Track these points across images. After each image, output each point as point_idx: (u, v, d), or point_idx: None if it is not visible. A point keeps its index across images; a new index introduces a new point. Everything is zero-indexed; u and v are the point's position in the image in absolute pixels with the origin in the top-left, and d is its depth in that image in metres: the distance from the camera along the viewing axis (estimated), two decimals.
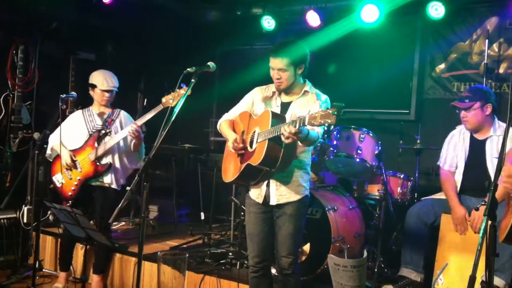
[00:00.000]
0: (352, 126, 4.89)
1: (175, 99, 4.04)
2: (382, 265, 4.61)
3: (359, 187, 5.15)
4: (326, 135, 5.05)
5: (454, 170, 4.34)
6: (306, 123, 2.83)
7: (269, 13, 6.45)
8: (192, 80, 3.27)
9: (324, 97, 3.43)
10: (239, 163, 3.42)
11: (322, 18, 6.06)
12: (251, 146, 3.33)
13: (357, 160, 4.76)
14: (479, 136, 4.23)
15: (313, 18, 6.08)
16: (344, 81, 6.36)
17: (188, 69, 3.28)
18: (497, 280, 3.74)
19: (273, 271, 3.90)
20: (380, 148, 4.85)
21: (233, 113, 3.64)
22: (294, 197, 3.38)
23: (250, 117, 3.47)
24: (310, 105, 3.34)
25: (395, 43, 6.02)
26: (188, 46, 6.92)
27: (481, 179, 4.10)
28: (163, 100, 4.19)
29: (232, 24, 6.95)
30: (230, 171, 3.51)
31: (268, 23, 6.45)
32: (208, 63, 3.46)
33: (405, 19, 5.92)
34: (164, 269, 3.21)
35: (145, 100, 6.63)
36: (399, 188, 4.93)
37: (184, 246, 5.28)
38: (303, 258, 4.39)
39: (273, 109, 3.42)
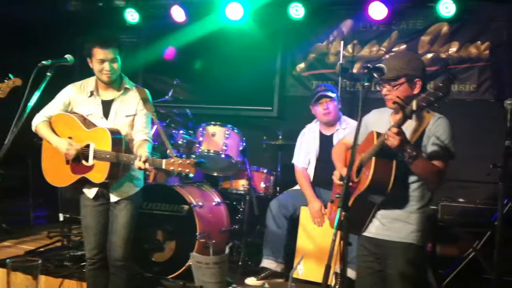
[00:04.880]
0: (218, 123, 4.95)
1: (5, 91, 3.78)
2: (246, 258, 4.73)
3: (225, 182, 5.23)
4: (192, 132, 5.07)
5: (307, 166, 4.62)
6: (163, 167, 3.02)
7: (133, 6, 6.29)
8: (48, 74, 3.12)
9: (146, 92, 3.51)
10: (71, 171, 3.38)
11: (187, 13, 6.05)
12: (86, 160, 3.32)
13: (223, 156, 4.82)
14: (327, 132, 4.57)
15: (178, 13, 6.05)
16: (210, 77, 6.42)
17: (43, 61, 3.12)
18: (349, 272, 4.00)
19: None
20: (244, 144, 4.97)
21: (47, 113, 3.47)
22: (130, 192, 3.45)
23: (77, 123, 3.38)
24: (135, 102, 3.43)
25: (260, 41, 6.17)
26: (46, 36, 6.49)
27: (332, 172, 4.39)
28: None
29: (94, 15, 6.67)
30: (61, 177, 3.44)
31: (131, 15, 6.30)
32: (66, 56, 3.31)
33: (269, 18, 6.09)
34: (15, 276, 2.98)
35: None
36: (262, 183, 5.10)
37: (41, 249, 4.98)
38: (169, 255, 4.36)
39: (94, 108, 3.42)
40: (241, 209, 5.05)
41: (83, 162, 3.32)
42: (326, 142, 4.56)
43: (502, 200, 3.60)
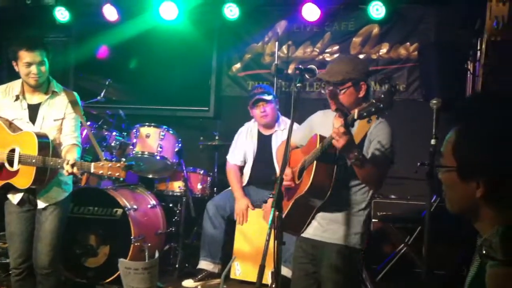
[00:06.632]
0: (152, 124, 4.87)
1: None
2: (183, 260, 4.68)
3: (160, 184, 5.15)
4: (125, 133, 4.96)
5: (240, 163, 4.65)
6: (92, 171, 3.00)
7: (63, 4, 6.06)
8: None
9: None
10: None
11: (120, 12, 5.89)
12: (10, 165, 3.19)
13: (158, 157, 4.75)
14: (265, 132, 4.59)
15: (110, 12, 5.88)
16: (145, 77, 6.30)
17: None
18: (285, 270, 4.02)
19: None
20: (180, 145, 4.92)
21: None
22: (58, 197, 3.34)
23: (2, 127, 3.24)
24: (63, 106, 3.33)
25: (195, 41, 6.08)
26: None
27: (269, 172, 4.42)
28: None
29: (22, 14, 6.38)
30: None
31: (61, 14, 6.06)
32: None
33: (204, 18, 6.02)
34: None
35: None
36: (199, 184, 5.06)
37: None
38: (103, 260, 4.25)
39: (20, 113, 3.29)
40: (177, 211, 4.99)
41: (7, 167, 3.18)
42: (264, 142, 4.58)
43: (430, 196, 3.74)
